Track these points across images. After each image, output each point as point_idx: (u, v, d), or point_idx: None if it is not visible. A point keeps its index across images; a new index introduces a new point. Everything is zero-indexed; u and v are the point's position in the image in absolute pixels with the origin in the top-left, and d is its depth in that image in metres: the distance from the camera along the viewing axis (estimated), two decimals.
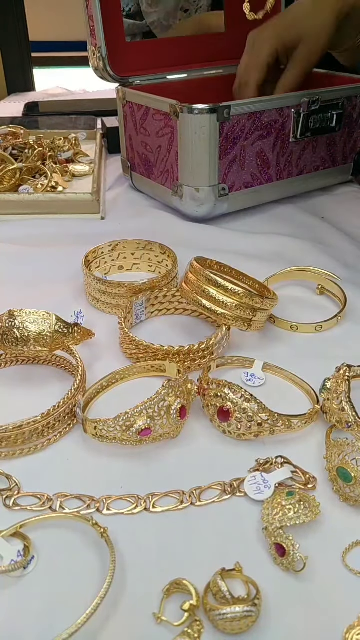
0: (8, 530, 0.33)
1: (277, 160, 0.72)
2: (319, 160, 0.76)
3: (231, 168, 0.68)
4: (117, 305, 0.53)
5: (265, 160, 0.71)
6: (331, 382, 0.41)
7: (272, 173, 0.72)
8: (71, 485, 0.37)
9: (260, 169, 0.71)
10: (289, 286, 0.59)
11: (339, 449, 0.37)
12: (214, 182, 0.67)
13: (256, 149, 0.69)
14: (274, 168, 0.72)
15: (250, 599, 0.30)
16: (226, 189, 0.69)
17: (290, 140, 0.71)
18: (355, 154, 0.77)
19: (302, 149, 0.73)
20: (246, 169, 0.70)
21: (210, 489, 0.37)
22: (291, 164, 0.74)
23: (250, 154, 0.69)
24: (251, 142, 0.68)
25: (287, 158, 0.73)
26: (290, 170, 0.74)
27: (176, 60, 0.80)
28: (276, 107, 0.68)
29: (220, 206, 0.70)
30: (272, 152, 0.71)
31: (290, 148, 0.72)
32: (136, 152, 0.77)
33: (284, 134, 0.70)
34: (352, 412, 0.38)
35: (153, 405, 0.38)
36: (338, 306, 0.55)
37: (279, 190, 0.75)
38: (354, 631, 0.29)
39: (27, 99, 1.30)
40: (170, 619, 0.30)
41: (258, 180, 0.72)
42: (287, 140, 0.71)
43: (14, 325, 0.42)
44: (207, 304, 0.46)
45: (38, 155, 0.80)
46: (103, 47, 0.70)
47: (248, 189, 0.71)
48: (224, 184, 0.68)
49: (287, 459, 0.38)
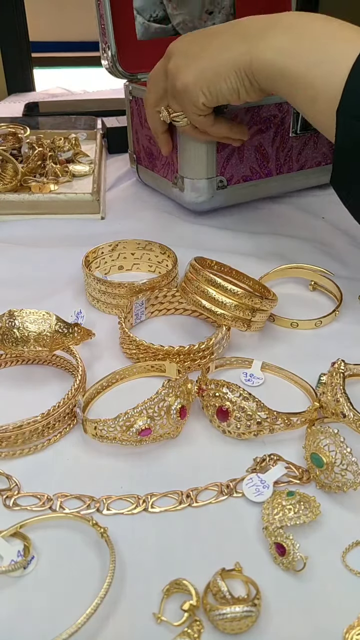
0: (8, 530, 0.33)
1: (277, 154, 0.72)
2: (320, 155, 0.77)
3: (229, 161, 0.69)
4: (117, 305, 0.53)
5: (265, 154, 0.71)
6: (326, 377, 0.41)
7: (271, 167, 0.73)
8: (71, 485, 0.37)
9: (260, 162, 0.72)
10: (284, 283, 0.59)
11: (314, 437, 0.37)
12: (212, 175, 0.68)
13: (255, 142, 0.70)
14: (273, 162, 0.73)
15: (250, 599, 0.30)
16: (224, 182, 0.70)
17: (290, 135, 0.72)
18: None
19: (303, 144, 0.74)
20: (245, 162, 0.70)
21: (207, 490, 0.37)
22: (291, 159, 0.74)
23: (249, 148, 0.70)
24: (249, 136, 0.69)
25: (287, 153, 0.73)
26: (291, 165, 0.74)
27: None
28: (275, 102, 0.68)
29: (219, 198, 0.71)
30: (271, 147, 0.71)
31: (290, 143, 0.73)
32: (141, 145, 0.78)
33: (283, 128, 0.71)
34: (346, 403, 0.39)
35: (153, 405, 0.38)
36: (332, 301, 0.56)
37: (279, 184, 0.75)
38: (353, 631, 0.29)
39: (27, 99, 1.30)
40: (170, 619, 0.30)
41: (257, 174, 0.72)
42: (287, 135, 0.72)
43: (14, 325, 0.42)
44: (207, 304, 0.46)
45: (38, 155, 0.80)
46: (112, 45, 0.73)
47: (247, 182, 0.72)
48: (222, 176, 0.69)
49: (279, 455, 0.38)
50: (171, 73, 0.56)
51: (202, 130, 0.61)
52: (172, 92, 0.57)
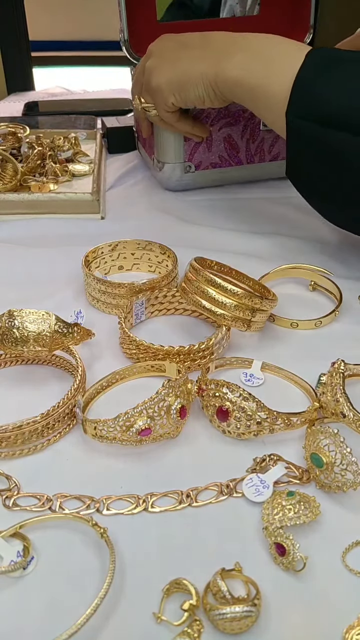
0: (8, 531, 0.33)
1: (247, 145, 0.76)
2: None
3: (197, 149, 0.74)
4: (117, 305, 0.53)
5: (234, 145, 0.75)
6: (326, 377, 0.41)
7: (241, 157, 0.77)
8: (71, 486, 0.37)
9: (229, 152, 0.76)
10: (284, 283, 0.59)
11: (314, 437, 0.37)
12: (180, 160, 0.75)
13: (223, 134, 0.74)
14: (243, 152, 0.76)
15: (250, 599, 0.30)
16: (192, 167, 0.76)
17: (260, 129, 0.75)
18: None
19: (275, 136, 0.76)
20: (214, 151, 0.75)
21: (207, 490, 0.37)
22: (263, 150, 0.77)
23: (217, 139, 0.74)
24: (217, 128, 0.73)
25: (257, 144, 0.76)
26: (262, 156, 0.78)
27: None
28: None
29: (187, 182, 0.77)
30: (240, 139, 0.75)
31: (261, 135, 0.76)
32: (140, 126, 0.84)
33: (253, 122, 0.74)
34: (346, 403, 0.39)
35: (153, 405, 0.38)
36: (332, 301, 0.56)
37: (250, 172, 0.79)
38: (353, 631, 0.29)
39: (27, 99, 1.30)
40: (170, 618, 0.30)
41: (227, 162, 0.77)
42: (257, 128, 0.75)
43: (14, 325, 0.42)
44: (207, 304, 0.46)
45: (38, 155, 0.80)
46: (125, 30, 0.80)
47: (216, 169, 0.77)
48: (190, 162, 0.75)
49: (279, 455, 0.38)
50: (148, 71, 0.64)
51: (168, 123, 0.69)
52: (147, 87, 0.65)
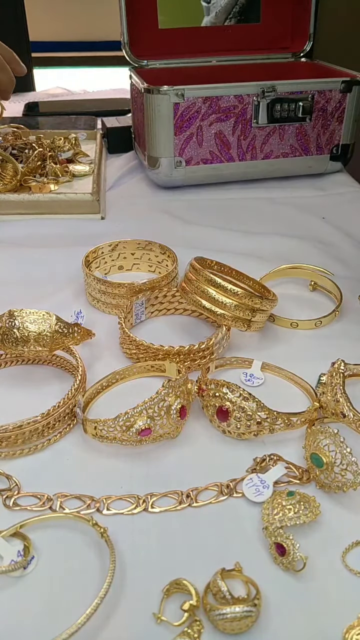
0: (8, 530, 0.33)
1: (238, 142, 0.77)
2: (287, 147, 0.80)
3: (188, 144, 0.76)
4: (117, 305, 0.53)
5: (225, 141, 0.76)
6: (326, 377, 0.41)
7: (233, 153, 0.78)
8: (71, 485, 0.37)
9: (220, 148, 0.77)
10: (284, 283, 0.59)
11: (314, 437, 0.37)
12: (170, 155, 0.76)
13: (214, 129, 0.75)
14: (235, 149, 0.77)
15: (250, 599, 0.30)
16: (182, 162, 0.77)
17: (252, 126, 0.76)
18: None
19: (267, 134, 0.77)
20: (204, 146, 0.76)
21: (207, 490, 0.37)
22: (255, 148, 0.78)
23: (208, 134, 0.75)
24: (208, 123, 0.74)
25: (249, 142, 0.77)
26: (254, 154, 0.79)
27: (204, 48, 0.89)
28: (234, 94, 0.73)
29: (177, 177, 0.78)
30: (232, 135, 0.76)
31: (253, 132, 0.77)
32: (136, 125, 0.87)
33: (244, 119, 0.75)
34: (346, 403, 0.39)
35: (153, 405, 0.38)
36: (332, 300, 0.56)
37: (242, 170, 0.80)
38: (353, 631, 0.29)
39: (27, 99, 1.30)
40: (170, 619, 0.30)
41: (218, 159, 0.78)
42: (249, 125, 0.76)
43: (14, 325, 0.42)
44: (207, 304, 0.46)
45: (38, 156, 0.80)
46: (125, 33, 0.83)
47: (207, 164, 0.78)
48: (180, 157, 0.76)
49: (279, 455, 0.38)
50: None
51: None
52: None
